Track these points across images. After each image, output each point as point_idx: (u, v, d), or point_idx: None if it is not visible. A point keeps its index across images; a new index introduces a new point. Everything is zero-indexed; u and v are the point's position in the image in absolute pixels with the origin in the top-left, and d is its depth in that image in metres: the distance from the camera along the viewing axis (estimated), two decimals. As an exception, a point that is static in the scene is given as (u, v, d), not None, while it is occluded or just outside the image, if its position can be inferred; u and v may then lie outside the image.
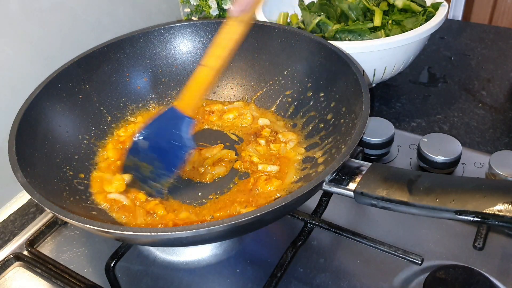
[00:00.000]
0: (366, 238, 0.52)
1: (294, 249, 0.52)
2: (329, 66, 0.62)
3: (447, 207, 0.40)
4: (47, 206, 0.43)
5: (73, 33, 0.74)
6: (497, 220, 0.38)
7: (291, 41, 0.67)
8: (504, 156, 0.59)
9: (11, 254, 0.56)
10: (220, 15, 0.93)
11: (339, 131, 0.58)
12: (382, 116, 0.72)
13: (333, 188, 0.46)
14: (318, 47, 0.64)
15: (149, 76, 0.71)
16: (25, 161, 0.50)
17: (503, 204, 0.37)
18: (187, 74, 0.73)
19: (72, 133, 0.61)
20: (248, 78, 0.73)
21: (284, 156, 0.62)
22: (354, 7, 0.77)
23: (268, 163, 0.61)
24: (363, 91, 0.52)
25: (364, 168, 0.46)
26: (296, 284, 0.51)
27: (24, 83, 0.67)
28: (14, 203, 0.68)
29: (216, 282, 0.52)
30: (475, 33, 1.01)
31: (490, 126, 0.74)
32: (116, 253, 0.54)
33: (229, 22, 0.55)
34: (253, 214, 0.39)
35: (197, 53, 0.72)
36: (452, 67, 0.90)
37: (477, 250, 0.52)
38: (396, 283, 0.50)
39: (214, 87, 0.74)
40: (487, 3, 1.57)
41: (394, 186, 0.43)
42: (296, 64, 0.68)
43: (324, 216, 0.57)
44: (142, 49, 0.70)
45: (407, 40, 0.68)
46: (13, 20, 0.65)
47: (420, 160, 0.63)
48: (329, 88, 0.62)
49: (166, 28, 0.70)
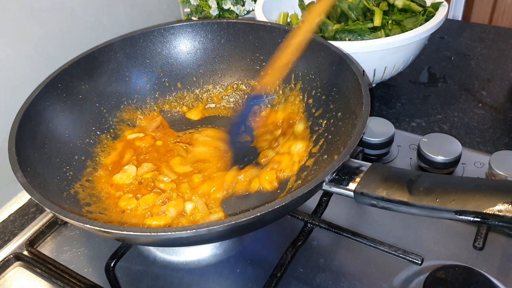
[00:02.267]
0: (366, 238, 0.52)
1: (294, 249, 0.52)
2: (329, 66, 0.62)
3: (447, 207, 0.40)
4: (47, 206, 0.43)
5: (73, 33, 0.74)
6: (497, 220, 0.38)
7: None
8: (504, 156, 0.59)
9: (11, 254, 0.56)
10: (220, 15, 0.93)
11: (338, 131, 0.58)
12: (382, 116, 0.72)
13: (333, 188, 0.46)
14: (318, 47, 0.64)
15: (149, 76, 0.71)
16: (25, 161, 0.50)
17: (503, 204, 0.37)
18: (187, 74, 0.73)
19: (72, 133, 0.61)
20: (248, 77, 0.73)
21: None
22: (354, 7, 0.77)
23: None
24: (363, 91, 0.52)
25: (364, 168, 0.46)
26: (296, 284, 0.51)
27: (24, 83, 0.67)
28: (14, 203, 0.68)
29: (216, 282, 0.52)
30: (475, 33, 1.01)
31: (490, 126, 0.74)
32: (116, 253, 0.54)
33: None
34: (253, 214, 0.39)
35: (197, 53, 0.72)
36: (452, 67, 0.90)
37: (477, 250, 0.52)
38: (396, 283, 0.50)
39: (214, 88, 0.74)
40: (487, 3, 1.58)
41: (394, 186, 0.43)
42: (295, 64, 0.68)
43: (324, 216, 0.57)
44: (142, 49, 0.70)
45: (407, 40, 0.68)
46: (13, 20, 0.65)
47: (420, 160, 0.63)
48: (329, 88, 0.62)
49: (166, 28, 0.70)
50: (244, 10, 0.94)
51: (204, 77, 0.73)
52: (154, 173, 0.60)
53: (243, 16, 0.94)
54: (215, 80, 0.74)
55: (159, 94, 0.72)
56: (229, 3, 0.92)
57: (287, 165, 0.60)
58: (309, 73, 0.66)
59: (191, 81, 0.73)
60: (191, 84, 0.73)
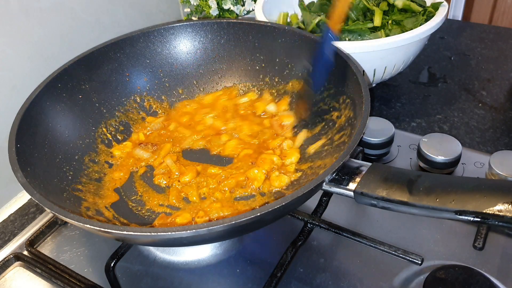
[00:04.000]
0: (366, 238, 0.52)
1: (294, 249, 0.52)
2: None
3: (447, 207, 0.40)
4: (47, 206, 0.43)
5: (73, 33, 0.74)
6: (497, 220, 0.38)
7: (291, 41, 0.67)
8: (504, 156, 0.59)
9: (11, 254, 0.56)
10: (220, 15, 0.93)
11: (338, 131, 0.58)
12: (382, 116, 0.72)
13: (333, 188, 0.46)
14: (317, 47, 0.63)
15: (149, 76, 0.71)
16: (25, 161, 0.50)
17: (503, 204, 0.37)
18: (187, 74, 0.73)
19: (72, 133, 0.61)
20: (247, 78, 0.72)
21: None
22: (354, 7, 0.77)
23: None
24: (363, 91, 0.52)
25: (364, 168, 0.46)
26: (296, 284, 0.51)
27: (24, 83, 0.67)
28: (14, 203, 0.68)
29: (216, 282, 0.52)
30: (475, 33, 1.01)
31: (490, 126, 0.74)
32: (116, 253, 0.54)
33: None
34: (253, 214, 0.39)
35: (197, 53, 0.72)
36: (452, 67, 0.90)
37: (477, 250, 0.52)
38: (396, 283, 0.50)
39: (215, 88, 0.74)
40: (487, 3, 1.58)
41: (394, 186, 0.43)
42: (296, 65, 0.68)
43: (324, 216, 0.57)
44: (142, 49, 0.70)
45: (407, 40, 0.68)
46: (13, 20, 0.65)
47: (420, 160, 0.63)
48: (329, 88, 0.62)
49: (166, 28, 0.70)
50: (244, 10, 0.94)
51: (204, 78, 0.73)
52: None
53: (243, 16, 0.94)
54: (215, 80, 0.74)
55: (159, 94, 0.72)
56: (229, 3, 0.92)
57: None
58: (309, 73, 0.66)
59: (190, 82, 0.73)
60: (191, 85, 0.73)
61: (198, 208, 0.56)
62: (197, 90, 0.73)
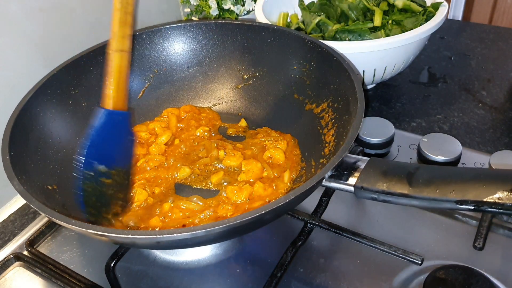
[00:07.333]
0: (366, 238, 0.52)
1: (294, 249, 0.52)
2: (320, 64, 0.62)
3: (447, 197, 0.40)
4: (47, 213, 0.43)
5: (73, 33, 0.74)
6: (498, 208, 0.38)
7: (280, 41, 0.67)
8: (504, 156, 0.59)
9: (11, 254, 0.56)
10: (220, 15, 0.93)
11: (334, 129, 0.58)
12: (382, 116, 0.72)
13: (333, 183, 0.46)
14: (308, 45, 0.63)
15: (145, 78, 0.71)
16: (20, 169, 0.49)
17: (502, 192, 0.38)
18: (186, 75, 0.73)
19: (64, 139, 0.60)
20: (237, 79, 0.72)
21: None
22: (354, 7, 0.77)
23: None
24: (356, 87, 0.52)
25: (363, 163, 0.46)
26: (296, 284, 0.51)
27: (24, 83, 0.66)
28: (14, 203, 0.68)
29: (216, 282, 0.52)
30: (475, 33, 1.01)
31: (490, 126, 0.74)
32: (116, 253, 0.54)
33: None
34: (256, 213, 0.39)
35: (197, 53, 0.72)
36: (452, 67, 0.90)
37: (477, 250, 0.52)
38: (396, 283, 0.50)
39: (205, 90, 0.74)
40: (487, 3, 1.57)
41: (394, 179, 0.43)
42: (286, 64, 0.68)
43: (324, 216, 0.57)
44: (140, 49, 0.70)
45: (407, 40, 0.68)
46: (13, 20, 0.65)
47: (420, 160, 0.63)
48: (321, 86, 0.62)
49: (165, 28, 0.70)
50: (244, 10, 0.94)
51: (194, 78, 0.73)
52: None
53: (243, 16, 0.94)
54: (205, 81, 0.73)
55: (155, 95, 0.72)
56: (229, 3, 0.91)
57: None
58: (299, 72, 0.66)
59: (182, 84, 0.73)
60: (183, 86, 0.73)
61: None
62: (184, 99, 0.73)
